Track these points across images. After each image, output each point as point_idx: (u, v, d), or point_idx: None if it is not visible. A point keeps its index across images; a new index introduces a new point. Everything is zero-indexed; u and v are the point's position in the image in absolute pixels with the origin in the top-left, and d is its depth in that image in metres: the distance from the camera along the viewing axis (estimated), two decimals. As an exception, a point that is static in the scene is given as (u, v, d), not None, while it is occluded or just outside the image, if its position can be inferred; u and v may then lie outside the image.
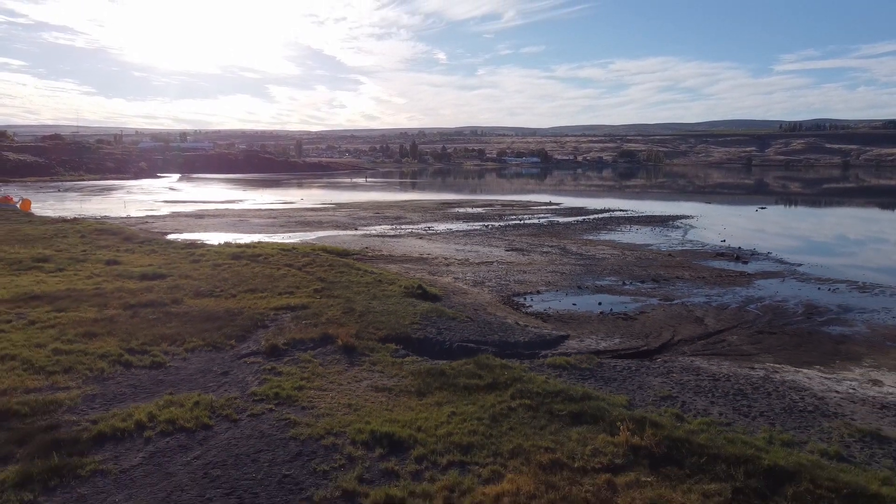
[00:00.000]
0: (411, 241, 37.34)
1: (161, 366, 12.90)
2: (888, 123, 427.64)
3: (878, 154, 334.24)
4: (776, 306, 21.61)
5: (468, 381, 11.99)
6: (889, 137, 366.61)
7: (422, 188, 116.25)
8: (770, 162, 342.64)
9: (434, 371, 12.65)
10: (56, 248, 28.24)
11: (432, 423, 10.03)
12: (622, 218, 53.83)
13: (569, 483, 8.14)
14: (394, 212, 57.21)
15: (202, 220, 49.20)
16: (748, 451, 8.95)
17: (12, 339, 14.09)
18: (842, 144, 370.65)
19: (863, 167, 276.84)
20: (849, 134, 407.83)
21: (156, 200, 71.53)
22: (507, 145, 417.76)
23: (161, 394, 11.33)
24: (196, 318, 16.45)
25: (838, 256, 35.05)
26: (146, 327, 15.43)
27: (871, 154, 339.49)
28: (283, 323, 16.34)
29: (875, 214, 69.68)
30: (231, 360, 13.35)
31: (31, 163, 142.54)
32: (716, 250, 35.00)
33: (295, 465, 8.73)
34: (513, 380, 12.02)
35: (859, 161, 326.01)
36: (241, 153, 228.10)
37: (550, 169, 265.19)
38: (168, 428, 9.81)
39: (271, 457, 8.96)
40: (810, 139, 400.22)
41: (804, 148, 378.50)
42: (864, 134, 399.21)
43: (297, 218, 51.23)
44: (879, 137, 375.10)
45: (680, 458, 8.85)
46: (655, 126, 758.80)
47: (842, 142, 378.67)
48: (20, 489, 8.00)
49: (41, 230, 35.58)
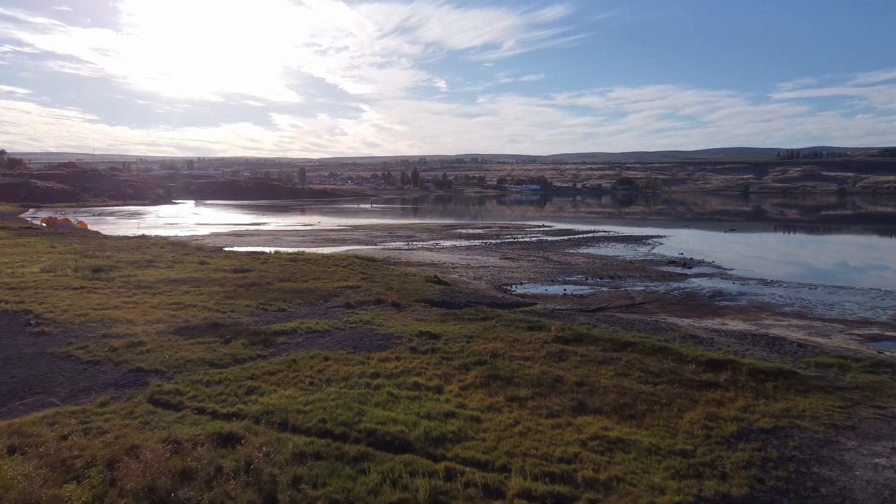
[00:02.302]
0: (422, 252, 45.82)
1: (284, 311, 21.28)
2: (885, 151, 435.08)
3: (875, 181, 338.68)
4: (692, 292, 29.99)
5: (470, 316, 20.40)
6: (885, 165, 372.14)
7: (425, 213, 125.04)
8: (767, 189, 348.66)
9: (449, 313, 21.05)
10: (152, 255, 36.63)
11: (450, 329, 18.41)
12: (603, 237, 62.32)
13: (521, 345, 16.50)
14: (404, 232, 65.78)
15: (242, 237, 57.74)
16: (615, 336, 17.33)
17: (183, 300, 22.47)
18: (838, 172, 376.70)
19: (859, 194, 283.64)
20: (846, 161, 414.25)
21: (190, 223, 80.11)
22: (508, 172, 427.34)
23: (293, 320, 19.66)
24: (289, 291, 24.84)
25: (767, 263, 43.46)
26: (262, 294, 23.84)
27: (867, 181, 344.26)
28: (347, 294, 24.70)
29: (825, 236, 78.18)
30: (324, 310, 21.71)
31: (58, 189, 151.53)
32: (670, 260, 43.41)
33: (382, 340, 17.05)
34: (496, 316, 20.43)
35: (856, 188, 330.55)
36: (251, 180, 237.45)
37: (550, 196, 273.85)
38: (309, 330, 18.16)
39: (369, 339, 17.30)
40: (807, 167, 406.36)
41: (801, 175, 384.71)
42: (861, 161, 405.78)
43: (322, 236, 59.77)
44: (876, 165, 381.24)
45: (579, 339, 17.21)
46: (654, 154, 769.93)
47: (839, 169, 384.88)
48: (246, 347, 16.29)
49: (122, 244, 44.04)
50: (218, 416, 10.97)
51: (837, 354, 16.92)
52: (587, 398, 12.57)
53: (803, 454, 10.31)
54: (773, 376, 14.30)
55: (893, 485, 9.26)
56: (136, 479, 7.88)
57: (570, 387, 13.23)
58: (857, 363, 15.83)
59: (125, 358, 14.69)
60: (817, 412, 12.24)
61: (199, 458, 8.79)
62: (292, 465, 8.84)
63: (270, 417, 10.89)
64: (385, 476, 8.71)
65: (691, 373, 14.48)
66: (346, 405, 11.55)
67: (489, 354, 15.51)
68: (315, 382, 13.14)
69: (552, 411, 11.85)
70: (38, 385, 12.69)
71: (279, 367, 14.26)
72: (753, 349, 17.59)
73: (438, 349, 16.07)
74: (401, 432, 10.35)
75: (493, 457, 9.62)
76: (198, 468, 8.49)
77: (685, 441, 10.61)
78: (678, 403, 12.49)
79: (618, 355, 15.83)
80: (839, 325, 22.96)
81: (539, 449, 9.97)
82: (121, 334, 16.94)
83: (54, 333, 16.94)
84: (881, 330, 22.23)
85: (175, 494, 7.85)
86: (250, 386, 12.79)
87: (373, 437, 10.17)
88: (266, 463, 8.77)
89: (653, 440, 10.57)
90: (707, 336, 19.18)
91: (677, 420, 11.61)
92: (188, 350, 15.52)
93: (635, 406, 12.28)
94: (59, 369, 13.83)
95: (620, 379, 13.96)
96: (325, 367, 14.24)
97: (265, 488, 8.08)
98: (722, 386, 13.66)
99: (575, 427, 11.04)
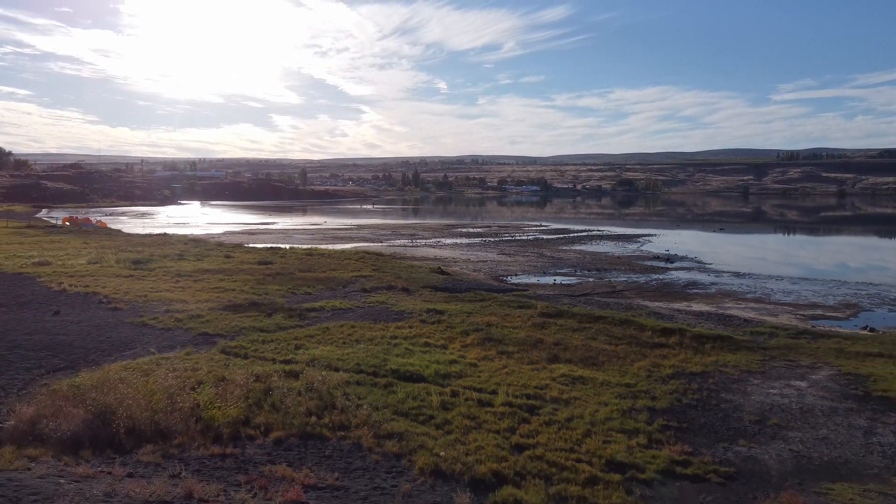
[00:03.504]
0: (426, 249, 49.37)
1: (310, 294, 24.80)
2: (884, 153, 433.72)
3: (874, 183, 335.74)
4: (669, 282, 33.50)
5: (469, 298, 23.95)
6: (885, 166, 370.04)
7: (427, 214, 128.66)
8: (767, 190, 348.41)
9: (452, 296, 24.59)
10: (179, 250, 40.13)
11: (453, 307, 21.92)
12: (596, 236, 65.81)
13: (511, 318, 20.02)
14: (408, 231, 69.34)
15: (255, 235, 61.27)
16: (590, 312, 20.85)
17: (222, 285, 25.98)
18: (838, 173, 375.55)
19: (858, 195, 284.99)
20: (845, 163, 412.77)
21: (202, 223, 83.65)
22: (508, 174, 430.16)
23: (319, 301, 23.16)
24: (310, 279, 28.36)
25: (745, 259, 46.99)
26: (288, 281, 27.37)
27: (866, 183, 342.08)
28: (361, 282, 28.20)
29: (807, 236, 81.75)
30: (344, 293, 25.22)
31: (68, 190, 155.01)
32: (655, 255, 46.90)
33: (396, 315, 20.54)
34: (491, 298, 23.97)
35: (855, 190, 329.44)
36: (253, 181, 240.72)
37: (550, 197, 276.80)
38: (334, 308, 21.68)
39: (385, 314, 20.81)
40: (807, 168, 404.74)
41: (801, 177, 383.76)
42: (861, 163, 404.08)
43: (331, 235, 63.31)
44: (875, 166, 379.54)
45: (560, 314, 20.72)
46: (655, 155, 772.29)
47: (838, 171, 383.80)
48: (285, 319, 19.78)
49: (148, 240, 47.60)
50: (278, 362, 14.47)
51: (771, 325, 20.46)
52: (560, 353, 16.09)
53: (717, 387, 13.82)
54: (712, 340, 17.82)
55: (773, 403, 12.76)
56: (237, 390, 11.38)
57: (548, 346, 16.75)
58: (784, 332, 19.37)
59: (190, 326, 18.22)
60: (739, 363, 15.75)
61: (275, 383, 12.28)
62: (341, 387, 12.34)
63: (317, 363, 14.39)
64: (408, 393, 12.23)
65: (647, 337, 18.01)
66: (374, 355, 15.07)
67: (485, 325, 19.03)
68: (346, 342, 16.66)
69: (532, 361, 15.37)
70: (130, 343, 16.22)
71: (315, 332, 17.79)
72: (706, 323, 21.11)
73: (443, 321, 19.59)
74: (417, 371, 13.86)
75: (486, 385, 13.13)
76: (275, 388, 11.97)
77: (631, 378, 14.11)
78: (631, 357, 16.01)
79: (590, 325, 19.35)
80: (789, 307, 26.47)
81: (520, 381, 13.48)
82: (179, 310, 20.46)
83: (125, 309, 20.48)
84: (824, 311, 25.75)
85: (263, 401, 11.35)
86: (296, 344, 16.32)
87: (396, 374, 13.68)
88: (322, 385, 12.26)
89: (606, 377, 14.08)
90: (669, 314, 22.70)
91: (629, 367, 15.12)
92: (239, 321, 19.04)
93: (598, 358, 15.79)
94: (141, 333, 17.35)
95: (589, 341, 17.48)
96: (353, 332, 17.77)
97: (324, 397, 11.57)
98: (669, 346, 17.18)
99: (548, 370, 14.55)
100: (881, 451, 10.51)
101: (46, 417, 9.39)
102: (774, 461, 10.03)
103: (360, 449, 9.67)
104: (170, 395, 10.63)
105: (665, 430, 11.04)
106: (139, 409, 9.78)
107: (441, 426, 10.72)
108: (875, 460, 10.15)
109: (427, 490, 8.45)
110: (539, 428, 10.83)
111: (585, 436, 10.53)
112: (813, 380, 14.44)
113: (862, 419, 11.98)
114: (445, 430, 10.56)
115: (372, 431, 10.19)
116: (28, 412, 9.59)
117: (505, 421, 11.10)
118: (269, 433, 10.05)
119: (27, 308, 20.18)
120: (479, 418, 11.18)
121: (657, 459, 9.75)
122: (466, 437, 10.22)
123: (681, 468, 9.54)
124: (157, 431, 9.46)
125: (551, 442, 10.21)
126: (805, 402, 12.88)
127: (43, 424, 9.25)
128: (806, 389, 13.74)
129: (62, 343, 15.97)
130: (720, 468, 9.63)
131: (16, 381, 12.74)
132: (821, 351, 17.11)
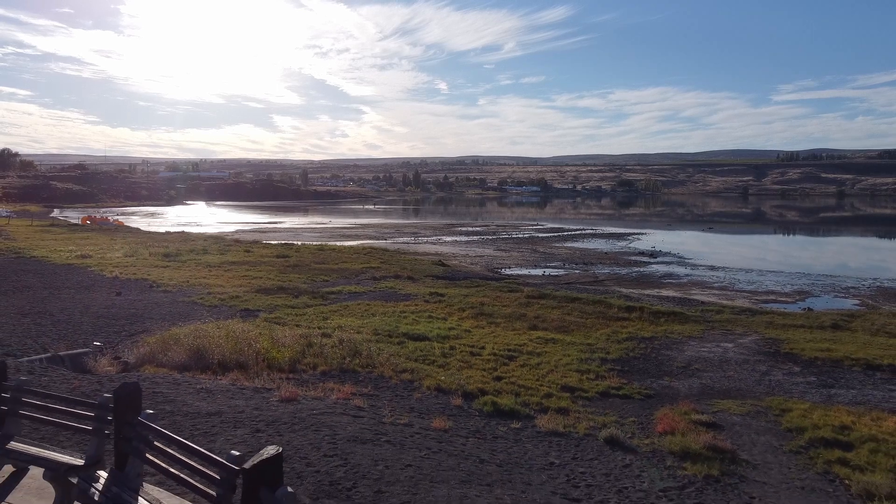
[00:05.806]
0: (427, 245, 53.06)
1: (327, 281, 28.44)
2: (883, 153, 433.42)
3: (873, 184, 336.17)
4: (648, 273, 37.15)
5: (466, 285, 27.62)
6: (884, 167, 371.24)
7: (427, 214, 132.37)
8: (766, 191, 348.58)
9: (451, 283, 28.26)
10: (201, 246, 43.75)
11: (452, 291, 25.57)
12: (589, 234, 69.49)
13: (501, 299, 23.68)
14: (410, 229, 73.05)
15: (266, 233, 64.95)
16: (569, 295, 24.51)
17: (249, 274, 29.62)
18: (837, 174, 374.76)
19: (857, 196, 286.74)
20: (845, 164, 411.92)
21: (212, 222, 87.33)
22: (508, 174, 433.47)
23: (337, 286, 26.79)
24: (325, 270, 32.01)
25: (724, 255, 50.61)
26: (306, 272, 31.03)
27: (865, 184, 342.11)
28: (371, 272, 31.83)
29: (791, 235, 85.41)
30: (357, 281, 28.86)
31: (77, 191, 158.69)
32: (640, 252, 50.57)
33: (404, 297, 24.17)
34: (486, 284, 27.63)
35: (854, 190, 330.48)
36: (256, 182, 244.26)
37: (550, 198, 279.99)
38: (350, 292, 25.32)
39: (394, 296, 24.46)
40: (807, 169, 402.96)
41: (800, 177, 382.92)
42: (860, 164, 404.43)
43: (337, 233, 67.01)
44: (874, 167, 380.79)
45: (543, 297, 24.36)
46: (655, 155, 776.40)
47: (838, 171, 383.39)
48: (310, 299, 23.38)
49: (169, 237, 51.26)
50: (312, 328, 18.11)
51: (722, 306, 24.12)
52: (539, 323, 19.76)
53: (661, 346, 17.47)
54: (666, 315, 21.48)
55: (701, 356, 16.42)
56: (287, 341, 15.03)
57: (529, 319, 20.42)
58: (730, 310, 23.04)
59: (233, 304, 21.88)
60: (684, 331, 19.40)
61: (314, 339, 15.92)
62: (364, 343, 15.99)
63: (343, 328, 18.04)
64: (416, 347, 15.92)
65: (613, 313, 21.67)
66: (387, 324, 18.73)
67: (479, 304, 22.70)
68: (364, 315, 20.32)
69: (515, 329, 19.03)
70: (189, 315, 19.86)
71: (337, 308, 21.45)
72: (667, 304, 24.76)
73: (444, 301, 23.26)
74: (423, 333, 17.53)
75: (477, 343, 16.80)
76: (315, 342, 15.60)
77: (593, 340, 17.77)
78: (597, 326, 19.66)
79: (567, 305, 23.01)
80: (748, 294, 30.13)
81: (503, 341, 17.14)
82: (220, 293, 24.11)
83: (174, 291, 24.14)
84: (777, 297, 29.42)
85: (307, 350, 14.99)
86: (323, 316, 19.99)
87: (406, 335, 17.35)
88: (349, 341, 15.89)
89: (573, 339, 17.75)
90: (637, 297, 26.35)
91: (593, 333, 18.77)
92: (272, 300, 22.70)
93: (569, 327, 19.45)
94: (194, 309, 21.00)
95: (564, 315, 21.15)
96: (368, 308, 21.44)
97: (352, 348, 15.21)
98: (630, 319, 20.83)
99: (527, 335, 18.21)
100: (767, 383, 14.16)
101: (159, 353, 13.03)
102: (685, 388, 13.69)
103: (383, 378, 13.32)
104: (239, 343, 14.29)
105: (610, 371, 14.70)
106: (223, 350, 13.44)
107: (442, 367, 14.39)
108: (761, 389, 13.78)
109: (432, 398, 12.12)
110: (515, 368, 14.52)
111: (549, 372, 14.20)
112: (739, 343, 18.09)
113: (764, 366, 15.63)
114: (445, 368, 14.23)
115: (391, 368, 13.84)
116: (143, 350, 13.25)
117: (490, 363, 14.77)
118: (317, 368, 13.69)
119: (93, 290, 23.86)
120: (471, 362, 14.84)
121: (598, 386, 13.41)
122: (461, 373, 13.89)
123: (615, 391, 13.18)
124: (238, 364, 13.09)
125: (523, 376, 13.87)
126: (726, 357, 16.53)
127: (159, 357, 12.89)
128: (730, 349, 17.39)
129: (134, 314, 19.65)
130: (643, 391, 13.29)
131: (112, 339, 16.41)
132: (755, 323, 20.76)
